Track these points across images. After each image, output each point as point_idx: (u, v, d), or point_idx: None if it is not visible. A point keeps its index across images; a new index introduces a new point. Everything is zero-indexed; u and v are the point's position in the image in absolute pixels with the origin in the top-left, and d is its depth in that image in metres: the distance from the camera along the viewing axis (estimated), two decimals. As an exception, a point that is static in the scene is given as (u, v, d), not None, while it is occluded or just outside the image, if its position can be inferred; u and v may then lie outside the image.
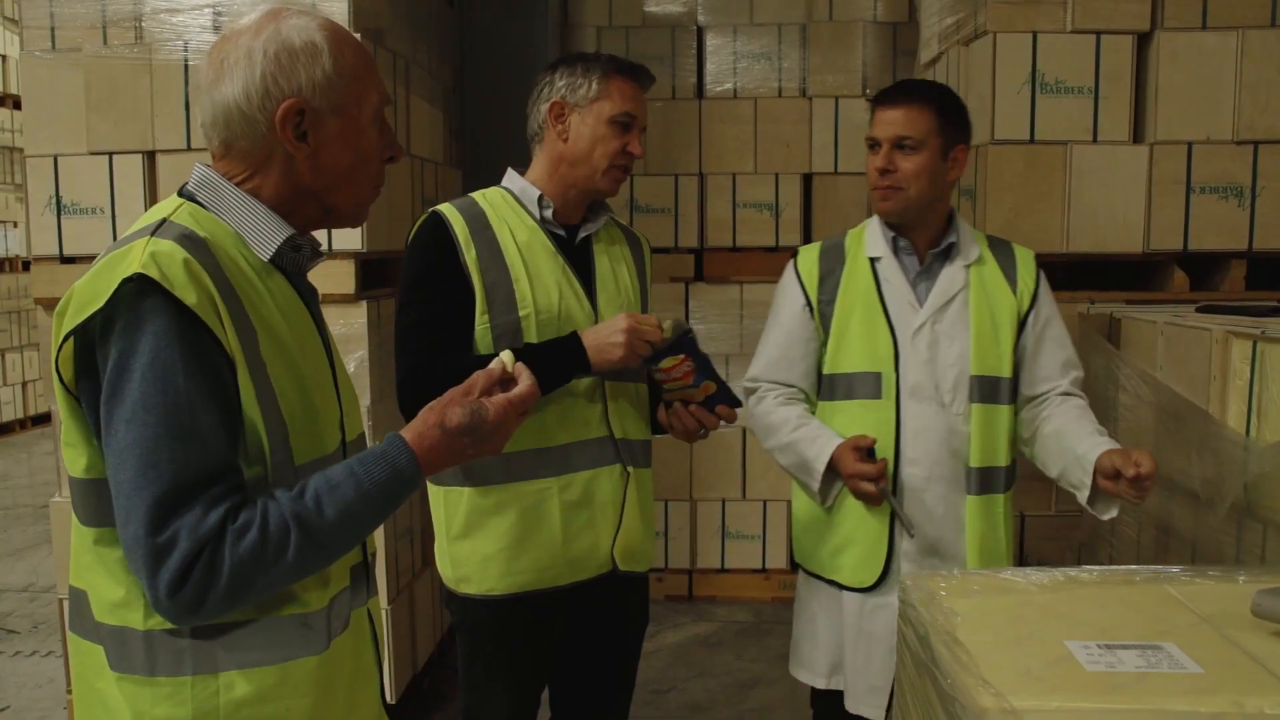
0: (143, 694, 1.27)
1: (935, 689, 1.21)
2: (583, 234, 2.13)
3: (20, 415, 9.50)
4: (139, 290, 1.19)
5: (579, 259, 2.11)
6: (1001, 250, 2.29)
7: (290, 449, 1.32)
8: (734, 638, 4.32)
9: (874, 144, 2.20)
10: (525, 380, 1.41)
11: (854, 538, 2.20)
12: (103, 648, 1.29)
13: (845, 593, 2.22)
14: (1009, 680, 1.12)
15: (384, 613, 3.28)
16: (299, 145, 1.34)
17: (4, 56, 8.99)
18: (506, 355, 1.43)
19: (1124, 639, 1.23)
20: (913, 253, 2.24)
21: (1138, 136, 3.22)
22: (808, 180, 4.68)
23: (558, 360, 1.99)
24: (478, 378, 1.39)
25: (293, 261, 1.42)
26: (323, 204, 1.41)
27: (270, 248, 1.36)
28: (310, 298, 1.48)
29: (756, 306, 4.61)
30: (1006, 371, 2.20)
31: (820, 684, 2.30)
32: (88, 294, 1.20)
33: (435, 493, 2.12)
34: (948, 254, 2.23)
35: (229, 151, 1.36)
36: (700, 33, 4.79)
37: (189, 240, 1.26)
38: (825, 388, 2.27)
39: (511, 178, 2.14)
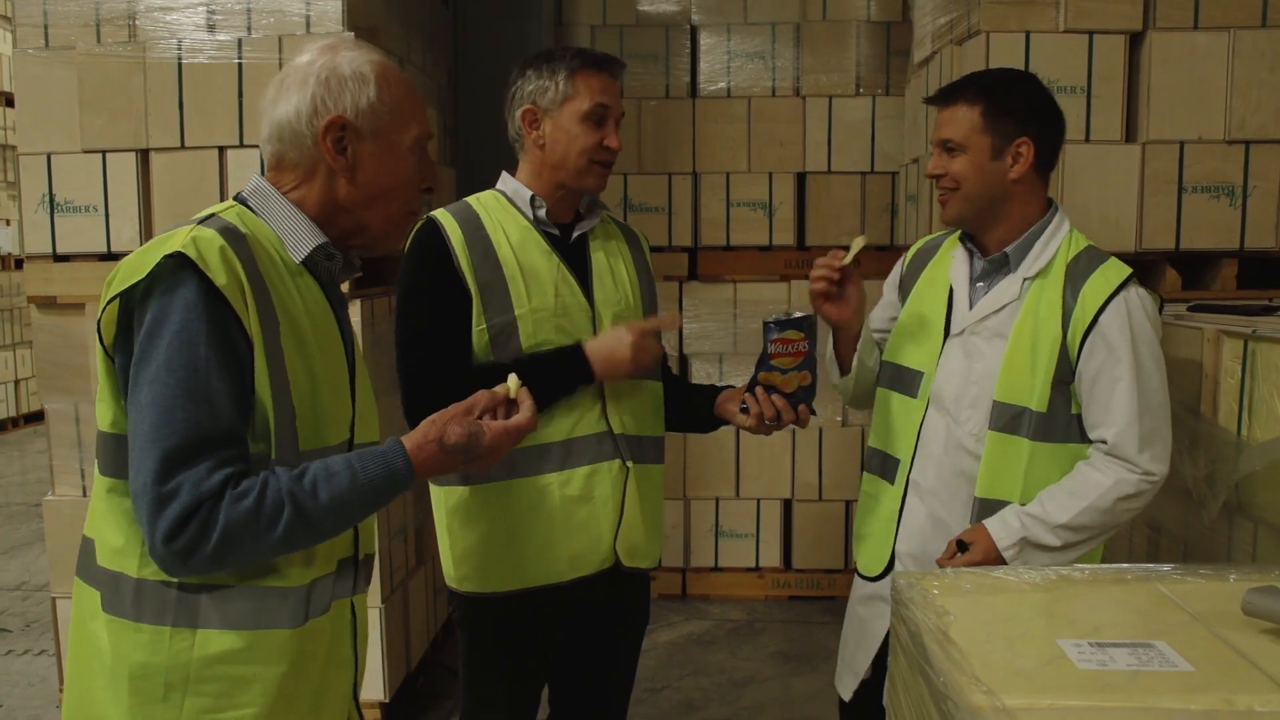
0: (126, 637, 1.40)
1: (928, 687, 1.22)
2: (577, 232, 2.14)
3: (13, 413, 9.47)
4: (177, 266, 1.34)
5: (575, 256, 2.11)
6: (1080, 268, 2.02)
7: (296, 432, 1.44)
8: (727, 636, 4.33)
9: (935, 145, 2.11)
10: (525, 410, 1.54)
11: (870, 530, 2.22)
12: (99, 591, 1.43)
13: (858, 579, 2.27)
14: (1001, 679, 1.13)
15: (377, 611, 3.29)
16: (337, 157, 1.49)
17: (-4, 54, 8.96)
18: (513, 380, 1.55)
19: (1115, 637, 1.24)
20: (980, 255, 2.13)
21: (1130, 136, 3.23)
22: (801, 179, 4.69)
23: (560, 371, 2.01)
24: (480, 397, 1.52)
25: (325, 270, 1.56)
26: (356, 220, 1.55)
27: (303, 251, 1.50)
28: (339, 305, 1.60)
29: (750, 305, 4.62)
30: (1035, 404, 1.97)
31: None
32: (134, 266, 1.36)
33: (436, 492, 2.12)
34: (1005, 262, 2.08)
35: (280, 163, 1.53)
36: (694, 32, 4.79)
37: (230, 233, 1.41)
38: (882, 374, 2.24)
39: (505, 180, 2.15)
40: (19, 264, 9.09)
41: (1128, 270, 2.00)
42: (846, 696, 2.23)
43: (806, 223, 4.70)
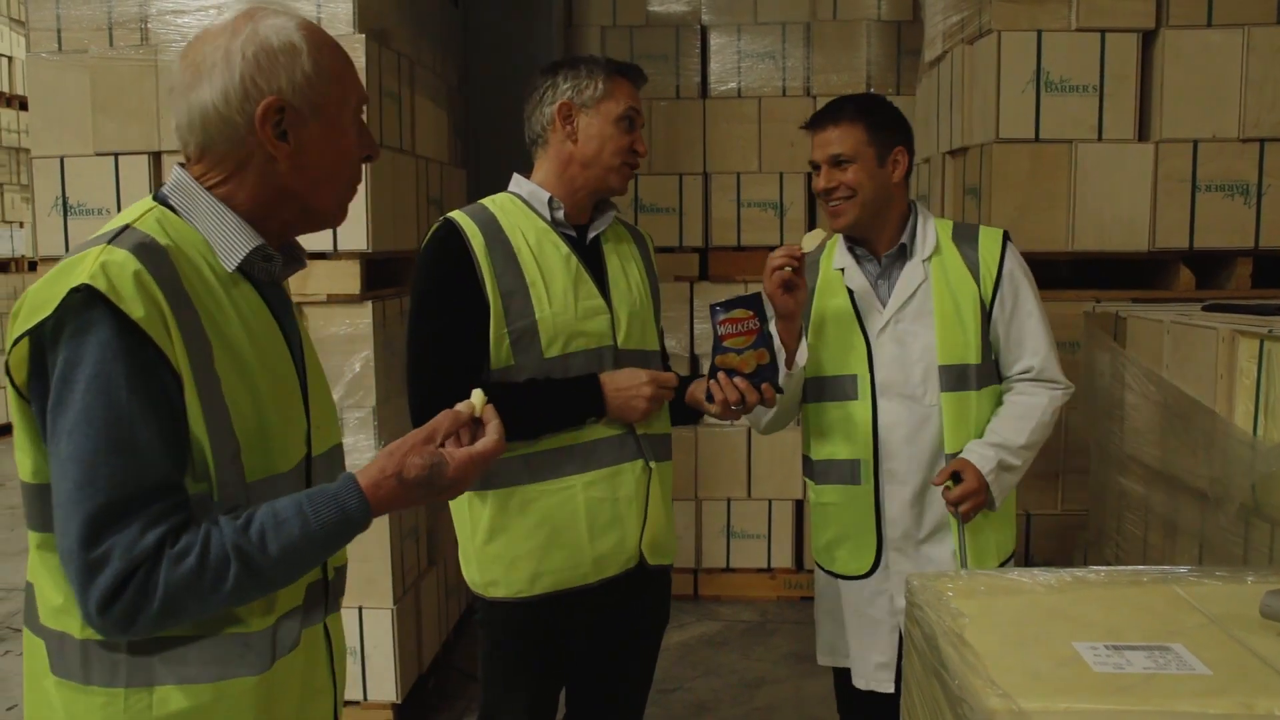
0: (78, 700, 1.28)
1: (943, 690, 1.21)
2: (592, 233, 2.14)
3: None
4: (85, 301, 1.17)
5: (591, 258, 2.11)
6: (965, 237, 2.33)
7: (241, 466, 1.29)
8: (739, 637, 4.32)
9: (816, 167, 2.33)
10: (492, 433, 1.36)
11: (846, 533, 2.33)
12: (46, 646, 1.30)
13: (841, 581, 2.36)
14: (1017, 681, 1.12)
15: (389, 612, 3.29)
16: (279, 144, 1.32)
17: (10, 58, 9.00)
18: (477, 396, 1.39)
19: (1132, 640, 1.23)
20: (871, 258, 2.34)
21: (1143, 135, 3.22)
22: (812, 180, 4.67)
23: (574, 401, 2.02)
24: (443, 420, 1.34)
25: (264, 271, 1.39)
26: (303, 205, 1.39)
27: (235, 258, 1.33)
28: (281, 308, 1.44)
29: (761, 306, 4.61)
30: (974, 358, 2.25)
31: (821, 661, 2.46)
32: (40, 299, 1.19)
33: (463, 499, 2.11)
34: (903, 254, 2.31)
35: (205, 155, 1.34)
36: (704, 32, 4.78)
37: (146, 249, 1.23)
38: (810, 391, 2.36)
39: (518, 182, 2.14)
40: (32, 266, 9.14)
41: (1002, 229, 2.36)
42: (888, 688, 2.30)
43: (817, 223, 4.69)
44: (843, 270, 2.35)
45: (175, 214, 1.33)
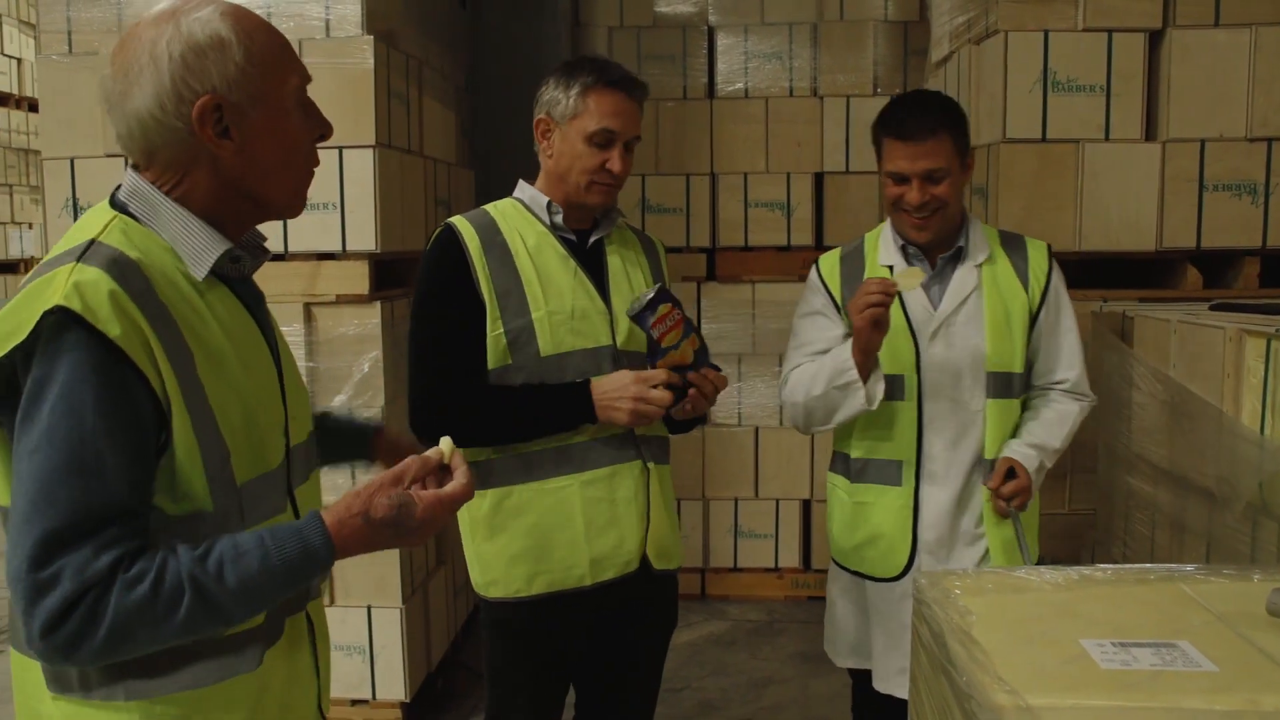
0: (79, 714, 1.26)
1: (950, 687, 1.22)
2: (594, 238, 2.14)
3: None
4: (60, 323, 1.15)
5: (592, 262, 2.12)
6: (1014, 246, 2.34)
7: (231, 471, 1.29)
8: (747, 637, 4.33)
9: (901, 178, 2.21)
10: (460, 476, 1.33)
11: (881, 534, 2.30)
12: (40, 667, 1.27)
13: (868, 582, 2.35)
14: (1024, 678, 1.12)
15: (398, 611, 3.30)
16: (222, 142, 1.29)
17: (20, 60, 9.03)
18: (445, 444, 1.37)
19: (1138, 637, 1.24)
20: (922, 258, 2.31)
21: (1150, 134, 3.21)
22: (819, 179, 4.68)
23: (565, 406, 2.01)
24: (411, 464, 1.31)
25: (234, 270, 1.38)
26: (256, 199, 1.36)
27: (205, 265, 1.31)
28: (254, 303, 1.43)
29: (769, 306, 4.61)
30: (1018, 367, 2.27)
31: (841, 663, 2.46)
32: (13, 324, 1.16)
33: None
34: (957, 257, 2.29)
35: (152, 161, 1.31)
36: (711, 33, 4.79)
37: (118, 265, 1.21)
38: None
39: (522, 188, 2.16)
40: (42, 267, 9.16)
41: (1046, 241, 2.39)
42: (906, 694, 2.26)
43: (825, 223, 4.69)
44: (890, 268, 2.29)
45: (136, 221, 1.30)
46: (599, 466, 2.05)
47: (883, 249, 2.33)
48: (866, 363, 2.19)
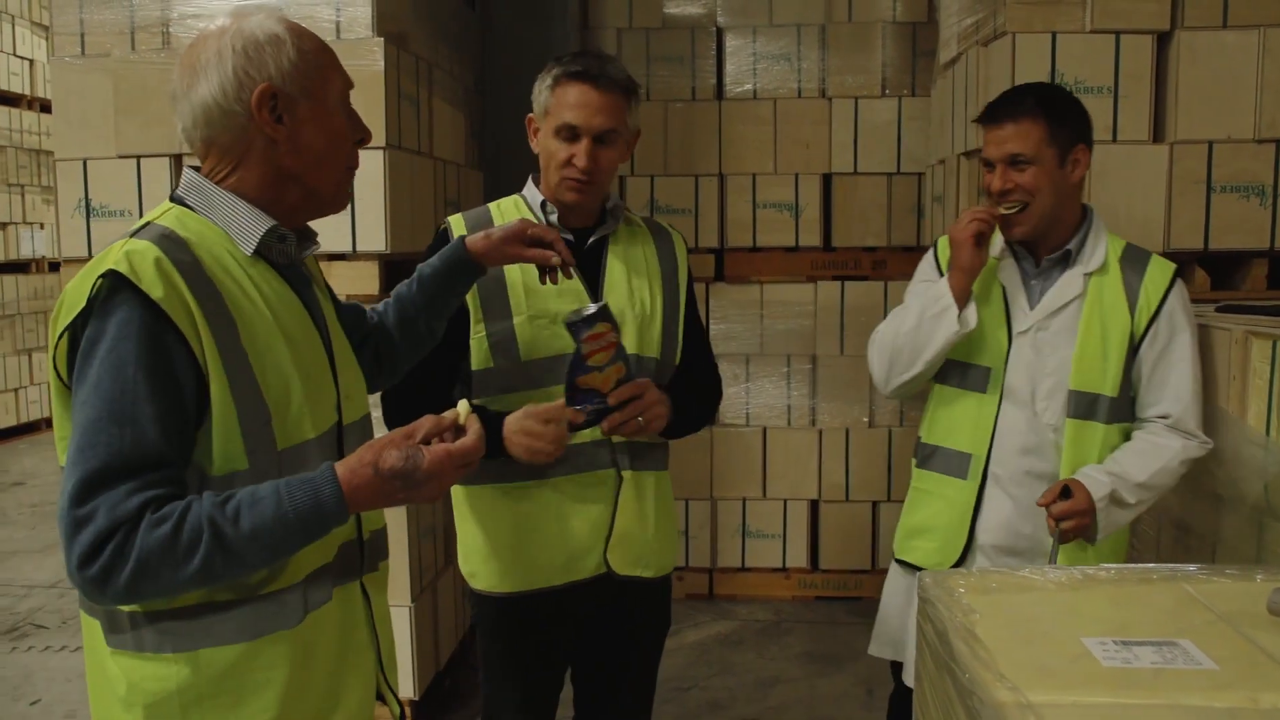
0: (135, 668, 1.37)
1: (953, 684, 1.23)
2: (594, 237, 2.10)
3: (47, 414, 9.60)
4: (111, 286, 1.29)
5: (589, 262, 2.08)
6: (1136, 262, 2.21)
7: (273, 433, 1.39)
8: (754, 636, 4.34)
9: (988, 164, 2.17)
10: (472, 434, 1.40)
11: (934, 525, 2.26)
12: (100, 623, 1.40)
13: (917, 574, 2.28)
14: (1026, 675, 1.14)
15: (407, 610, 3.32)
16: (276, 127, 1.43)
17: (32, 61, 9.08)
18: (463, 406, 1.42)
19: (1140, 636, 1.24)
20: (1028, 256, 2.24)
21: (1158, 136, 3.21)
22: (827, 180, 4.69)
23: (490, 433, 1.95)
24: (424, 421, 1.39)
25: (281, 254, 1.49)
26: (304, 186, 1.49)
27: (252, 240, 1.44)
28: (302, 287, 1.54)
29: (776, 306, 4.62)
30: (1109, 390, 2.15)
31: (876, 652, 2.41)
32: (75, 295, 1.31)
33: (455, 490, 2.14)
34: (1065, 260, 2.20)
35: (211, 149, 1.46)
36: (720, 34, 4.80)
37: (167, 239, 1.35)
38: (946, 371, 2.27)
39: (528, 186, 2.14)
40: (54, 267, 9.22)
41: (1174, 264, 2.21)
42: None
43: (833, 224, 4.70)
44: (996, 259, 2.25)
45: (193, 211, 1.44)
46: (572, 471, 2.03)
47: (995, 240, 2.25)
48: (964, 284, 2.14)
